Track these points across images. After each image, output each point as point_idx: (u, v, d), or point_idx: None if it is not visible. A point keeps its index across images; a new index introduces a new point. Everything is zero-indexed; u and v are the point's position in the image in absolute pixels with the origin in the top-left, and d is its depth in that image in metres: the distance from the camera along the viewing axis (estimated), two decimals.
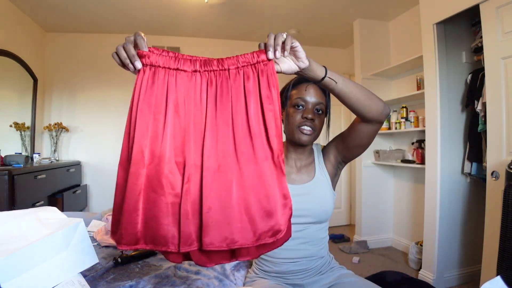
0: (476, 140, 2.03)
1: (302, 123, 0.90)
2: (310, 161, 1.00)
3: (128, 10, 2.86)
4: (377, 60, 3.03)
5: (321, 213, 0.92)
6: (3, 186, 2.01)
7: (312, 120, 0.90)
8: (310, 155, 1.00)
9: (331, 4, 2.77)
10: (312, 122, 0.91)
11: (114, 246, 1.30)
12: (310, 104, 0.91)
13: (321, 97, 0.93)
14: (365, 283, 0.87)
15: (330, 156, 0.99)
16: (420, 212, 2.51)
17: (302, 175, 0.97)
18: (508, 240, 1.28)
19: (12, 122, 2.74)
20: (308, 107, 0.91)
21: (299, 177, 0.97)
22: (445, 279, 2.11)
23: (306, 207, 0.91)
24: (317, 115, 0.92)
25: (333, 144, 0.99)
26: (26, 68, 2.90)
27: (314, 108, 0.92)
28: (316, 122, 0.92)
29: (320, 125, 0.94)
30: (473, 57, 2.15)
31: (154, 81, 0.59)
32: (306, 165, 0.99)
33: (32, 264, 0.66)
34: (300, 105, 0.91)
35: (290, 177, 0.97)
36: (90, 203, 3.36)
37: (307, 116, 0.90)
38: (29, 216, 0.77)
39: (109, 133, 3.40)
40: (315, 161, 1.00)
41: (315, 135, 0.93)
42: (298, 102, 0.92)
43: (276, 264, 0.92)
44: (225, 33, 3.49)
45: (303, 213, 0.91)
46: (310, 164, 0.99)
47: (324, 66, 0.72)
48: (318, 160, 1.00)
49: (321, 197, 0.93)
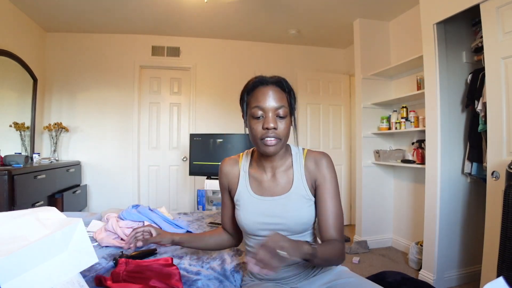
0: (476, 140, 2.02)
1: (264, 134, 0.82)
2: (286, 167, 0.93)
3: (128, 10, 2.86)
4: (377, 60, 3.03)
5: (297, 225, 0.87)
6: (3, 186, 2.01)
7: (275, 129, 0.82)
8: (285, 159, 0.93)
9: (331, 4, 2.77)
10: (275, 131, 0.83)
11: (114, 246, 1.30)
12: (269, 112, 0.82)
13: (280, 99, 0.84)
14: (362, 282, 0.85)
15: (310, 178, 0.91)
16: (420, 212, 2.51)
17: (276, 184, 0.91)
18: (508, 240, 1.27)
19: (12, 122, 2.74)
20: (268, 115, 0.82)
21: (273, 186, 0.91)
22: (445, 279, 2.11)
23: (281, 221, 0.87)
24: (279, 121, 0.84)
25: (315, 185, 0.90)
26: (26, 68, 2.90)
27: (274, 114, 0.83)
28: (280, 129, 0.83)
29: (285, 131, 0.85)
30: (473, 57, 2.14)
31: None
32: (281, 171, 0.92)
33: (32, 264, 0.66)
34: (260, 115, 0.83)
35: (262, 187, 0.92)
36: (90, 203, 3.36)
37: (268, 126, 0.81)
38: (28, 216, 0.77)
39: (109, 133, 3.40)
40: (294, 168, 0.92)
41: (282, 143, 0.85)
42: (257, 112, 0.83)
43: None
44: (225, 33, 3.49)
45: (277, 227, 0.87)
46: (287, 170, 0.92)
47: (309, 247, 0.73)
48: (298, 167, 0.92)
49: (297, 209, 0.88)
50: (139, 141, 3.50)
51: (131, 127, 3.45)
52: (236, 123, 3.58)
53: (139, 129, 3.50)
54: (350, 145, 3.85)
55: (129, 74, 3.47)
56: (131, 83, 3.47)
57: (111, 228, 1.39)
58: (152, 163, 3.57)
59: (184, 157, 3.59)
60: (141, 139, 3.53)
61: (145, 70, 3.56)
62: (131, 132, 3.45)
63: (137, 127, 3.48)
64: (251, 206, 0.91)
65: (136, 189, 3.48)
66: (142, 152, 3.54)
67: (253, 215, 0.90)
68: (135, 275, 0.91)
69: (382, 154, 2.88)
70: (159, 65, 3.54)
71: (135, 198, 3.46)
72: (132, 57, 3.46)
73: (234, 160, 1.00)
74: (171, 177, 3.60)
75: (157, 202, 3.54)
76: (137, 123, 3.47)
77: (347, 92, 3.87)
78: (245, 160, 0.99)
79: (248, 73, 3.48)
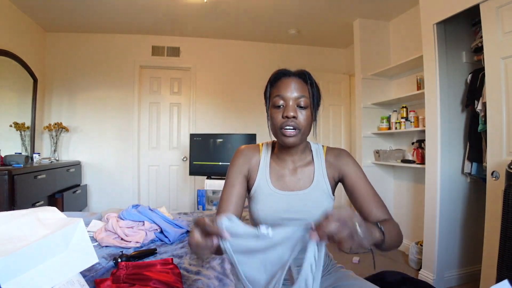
0: (476, 140, 2.02)
1: (284, 123, 0.82)
2: (307, 162, 0.91)
3: (128, 10, 2.86)
4: (377, 60, 3.03)
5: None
6: (3, 186, 2.01)
7: (294, 117, 0.82)
8: (306, 154, 0.92)
9: (331, 4, 2.77)
10: (295, 120, 0.82)
11: (114, 246, 1.30)
12: (290, 101, 0.82)
13: (302, 90, 0.84)
14: (364, 285, 0.84)
15: (333, 175, 0.91)
16: (420, 212, 2.51)
17: (297, 179, 0.89)
18: (508, 240, 1.27)
19: (12, 122, 2.74)
20: (288, 104, 0.82)
21: (294, 180, 0.89)
22: (445, 279, 2.11)
23: (300, 217, 0.84)
24: (299, 111, 0.83)
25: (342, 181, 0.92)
26: (26, 68, 2.90)
27: (295, 104, 0.83)
28: (300, 119, 0.82)
29: (305, 121, 0.83)
30: (473, 57, 2.14)
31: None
32: (301, 166, 0.91)
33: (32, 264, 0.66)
34: (280, 104, 0.83)
35: (283, 180, 0.89)
36: (90, 203, 3.36)
37: (288, 114, 0.81)
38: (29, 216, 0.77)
39: (109, 133, 3.40)
40: (315, 164, 0.91)
41: (301, 134, 0.84)
42: (278, 101, 0.83)
43: None
44: (225, 33, 3.48)
45: (297, 222, 0.83)
46: (307, 165, 0.91)
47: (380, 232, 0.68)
48: (319, 163, 0.91)
49: (318, 207, 0.85)
50: (139, 141, 3.50)
51: (131, 127, 3.46)
52: (236, 123, 3.58)
53: (139, 129, 3.50)
54: (350, 145, 3.85)
55: (129, 74, 3.47)
56: (131, 83, 3.47)
57: (111, 228, 1.39)
58: (152, 163, 3.57)
59: (184, 157, 3.59)
60: (141, 139, 3.53)
61: (145, 70, 3.56)
62: (131, 132, 3.45)
63: (137, 127, 3.48)
64: (269, 200, 0.87)
65: (136, 189, 3.48)
66: (142, 152, 3.54)
67: (271, 210, 0.86)
68: (135, 277, 0.91)
69: (382, 154, 2.88)
70: (159, 65, 3.54)
71: (135, 198, 3.46)
72: (132, 57, 3.46)
73: (254, 148, 0.95)
74: (171, 177, 3.60)
75: (157, 202, 3.54)
76: (137, 123, 3.47)
77: (347, 92, 3.87)
78: (265, 151, 0.94)
79: (248, 73, 3.49)
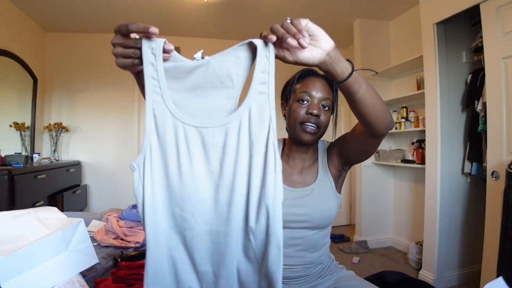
0: (476, 140, 2.02)
1: (306, 119, 0.83)
2: (313, 161, 0.93)
3: (128, 10, 2.86)
4: (377, 60, 3.03)
5: (322, 218, 0.86)
6: (3, 186, 2.01)
7: (318, 116, 0.83)
8: (314, 154, 0.94)
9: (331, 4, 2.77)
10: (317, 119, 0.83)
11: (114, 246, 1.30)
12: (316, 99, 0.84)
13: (328, 92, 0.86)
14: (364, 285, 0.83)
15: (334, 158, 0.92)
16: (420, 212, 2.51)
17: (304, 176, 0.90)
18: (508, 240, 1.27)
19: (12, 122, 2.74)
20: (314, 102, 0.84)
21: (301, 178, 0.90)
22: (445, 279, 2.11)
23: (306, 212, 0.84)
24: (323, 111, 0.85)
25: (336, 147, 0.92)
26: (26, 68, 2.90)
27: (320, 103, 0.84)
28: (322, 118, 0.84)
29: (325, 122, 0.86)
30: (473, 57, 2.14)
31: None
32: (308, 165, 0.92)
33: (32, 264, 0.66)
34: (305, 99, 0.84)
35: (291, 179, 0.90)
36: (90, 203, 3.36)
37: (312, 111, 0.82)
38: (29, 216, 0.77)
39: (109, 133, 3.39)
40: (319, 161, 0.92)
41: (319, 134, 0.86)
42: (303, 96, 0.84)
43: None
44: (225, 33, 3.48)
45: (302, 218, 0.84)
46: (313, 164, 0.92)
47: (349, 61, 0.60)
48: (322, 159, 0.92)
49: (323, 202, 0.86)
50: (139, 141, 3.49)
51: (131, 127, 3.45)
52: None
53: (139, 129, 3.50)
54: None
55: (129, 74, 3.40)
56: (131, 83, 3.46)
57: (111, 228, 1.39)
58: None
59: None
60: (141, 139, 3.52)
61: None
62: (131, 132, 3.45)
63: (137, 127, 3.48)
64: None
65: None
66: None
67: None
68: (135, 277, 0.91)
69: (382, 154, 2.88)
70: None
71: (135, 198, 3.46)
72: None
73: None
74: None
75: None
76: (137, 123, 3.47)
77: None
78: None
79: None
